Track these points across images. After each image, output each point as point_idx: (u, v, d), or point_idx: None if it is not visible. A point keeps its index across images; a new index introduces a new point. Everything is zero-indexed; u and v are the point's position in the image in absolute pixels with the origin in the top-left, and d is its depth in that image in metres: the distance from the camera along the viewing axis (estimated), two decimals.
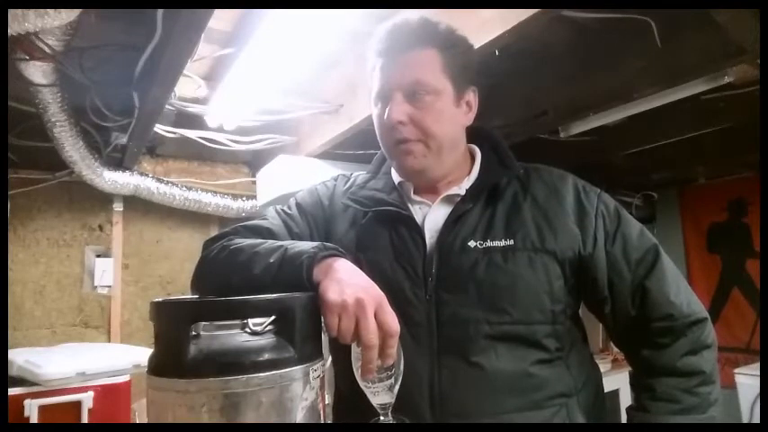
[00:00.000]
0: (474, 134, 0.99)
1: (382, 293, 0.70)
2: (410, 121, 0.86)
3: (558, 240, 0.85)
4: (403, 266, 0.86)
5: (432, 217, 0.90)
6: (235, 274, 0.77)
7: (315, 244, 0.76)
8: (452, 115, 0.90)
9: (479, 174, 0.94)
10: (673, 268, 0.89)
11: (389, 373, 0.69)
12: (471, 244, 0.85)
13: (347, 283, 0.69)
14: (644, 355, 0.88)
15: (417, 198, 0.94)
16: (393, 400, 0.72)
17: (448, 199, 0.91)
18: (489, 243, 0.85)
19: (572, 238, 0.86)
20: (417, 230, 0.88)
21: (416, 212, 0.92)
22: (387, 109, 0.87)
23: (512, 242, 0.84)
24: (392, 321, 0.67)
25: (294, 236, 0.92)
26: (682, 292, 0.87)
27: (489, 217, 0.88)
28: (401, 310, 0.71)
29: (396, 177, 0.97)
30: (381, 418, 0.72)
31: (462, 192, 0.90)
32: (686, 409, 0.82)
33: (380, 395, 0.71)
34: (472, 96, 0.94)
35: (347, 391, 0.91)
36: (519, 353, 0.82)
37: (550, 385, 0.83)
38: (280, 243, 0.79)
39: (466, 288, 0.83)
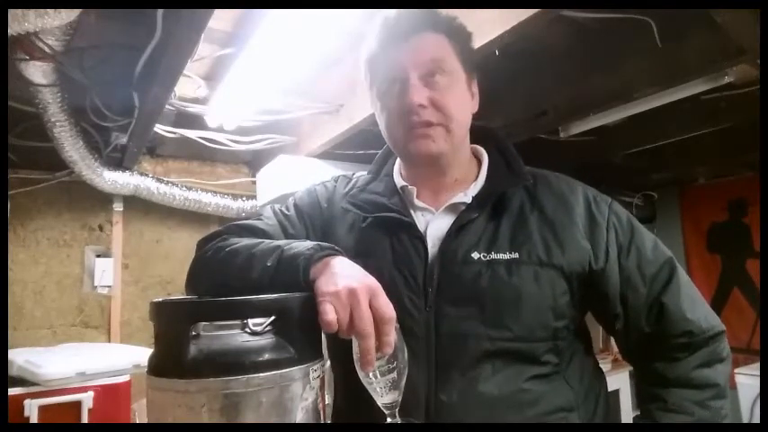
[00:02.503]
0: (478, 134, 0.95)
1: (378, 283, 0.68)
2: (430, 104, 0.81)
3: (566, 254, 0.81)
4: (402, 273, 0.83)
5: (435, 225, 0.86)
6: (232, 275, 0.76)
7: (311, 244, 0.74)
8: (467, 100, 0.87)
9: (486, 179, 0.89)
10: (688, 281, 0.86)
11: (391, 366, 0.67)
12: (474, 255, 0.81)
13: (340, 275, 0.68)
14: (656, 367, 0.85)
15: (420, 204, 0.89)
16: (399, 399, 0.69)
17: (453, 207, 0.87)
18: (493, 255, 0.81)
19: (581, 251, 0.82)
20: (419, 238, 0.84)
21: (419, 219, 0.88)
22: (402, 92, 0.83)
23: (516, 255, 0.80)
24: (386, 307, 0.66)
25: (289, 237, 0.89)
26: (698, 306, 0.84)
27: (494, 228, 0.83)
28: (399, 321, 0.69)
29: (398, 181, 0.93)
30: (389, 419, 0.70)
31: (468, 199, 0.86)
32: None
33: (385, 393, 0.69)
34: (475, 85, 0.91)
35: (343, 404, 0.90)
36: (516, 368, 0.79)
37: (548, 400, 0.79)
38: (276, 244, 0.77)
39: (467, 301, 0.79)
